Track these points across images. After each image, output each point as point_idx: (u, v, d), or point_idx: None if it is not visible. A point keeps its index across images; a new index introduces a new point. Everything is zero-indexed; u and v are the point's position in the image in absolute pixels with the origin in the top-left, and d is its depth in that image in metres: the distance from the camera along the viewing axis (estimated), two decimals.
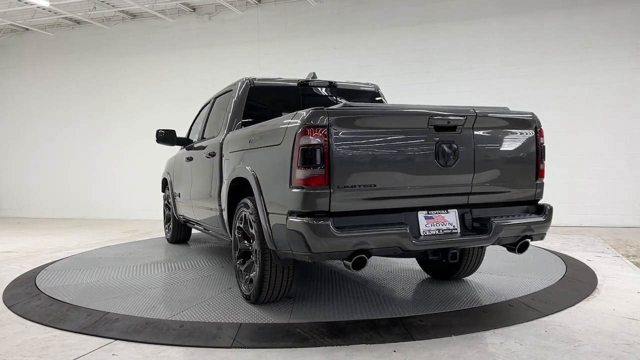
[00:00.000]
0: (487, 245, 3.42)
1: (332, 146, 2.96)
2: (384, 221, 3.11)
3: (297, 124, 3.04)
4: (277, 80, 4.82)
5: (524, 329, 3.26)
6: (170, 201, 6.63)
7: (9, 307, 4.05)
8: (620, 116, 8.44)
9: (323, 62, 9.57)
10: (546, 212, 3.56)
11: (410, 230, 3.08)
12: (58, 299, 4.12)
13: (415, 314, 3.48)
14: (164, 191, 7.14)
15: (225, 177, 4.22)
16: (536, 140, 3.55)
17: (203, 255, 5.98)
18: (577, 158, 8.56)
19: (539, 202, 3.66)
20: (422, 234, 3.20)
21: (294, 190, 3.03)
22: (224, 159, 4.35)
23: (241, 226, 3.86)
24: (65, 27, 11.99)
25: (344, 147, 3.00)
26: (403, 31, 9.61)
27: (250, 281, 3.75)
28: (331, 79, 5.05)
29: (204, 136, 5.30)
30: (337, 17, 10.04)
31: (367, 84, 5.31)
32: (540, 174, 3.59)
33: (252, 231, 3.63)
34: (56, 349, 3.09)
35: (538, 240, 3.58)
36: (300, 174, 2.99)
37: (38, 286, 4.59)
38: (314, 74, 5.07)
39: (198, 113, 6.07)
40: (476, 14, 9.18)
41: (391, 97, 5.71)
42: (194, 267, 5.28)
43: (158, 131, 5.73)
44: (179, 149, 6.50)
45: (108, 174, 11.80)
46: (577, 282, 4.42)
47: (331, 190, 2.96)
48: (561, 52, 8.71)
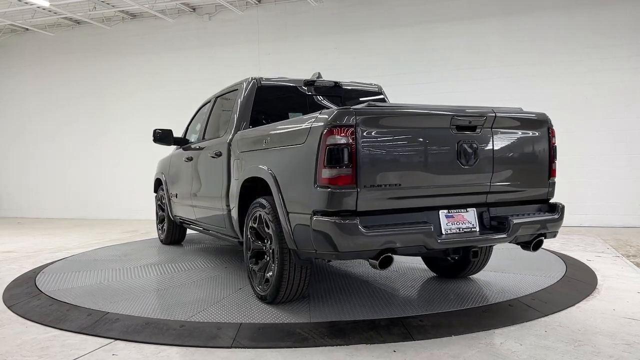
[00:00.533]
0: (505, 243, 3.47)
1: (359, 145, 2.98)
2: (408, 220, 3.14)
3: (323, 123, 3.05)
4: (283, 80, 4.81)
5: (524, 329, 3.26)
6: (165, 202, 6.55)
7: (9, 307, 4.05)
8: (620, 116, 8.44)
9: (323, 62, 9.56)
10: (559, 210, 3.63)
11: (434, 229, 3.12)
12: (58, 299, 4.12)
13: (415, 314, 3.48)
14: (156, 192, 7.07)
15: (236, 177, 4.20)
16: (549, 139, 3.64)
17: (203, 255, 5.98)
18: (577, 158, 8.55)
19: (550, 201, 3.73)
20: (443, 232, 3.24)
21: (319, 189, 3.03)
22: (233, 159, 4.33)
23: (255, 226, 3.86)
24: (65, 27, 11.99)
25: (370, 146, 3.02)
26: (403, 31, 9.61)
27: (266, 281, 3.74)
28: (332, 79, 5.06)
29: (205, 136, 5.28)
30: (337, 17, 10.04)
31: (370, 84, 5.33)
32: (552, 173, 3.67)
33: (269, 231, 3.63)
34: (56, 349, 3.10)
35: (551, 237, 3.64)
36: (326, 173, 2.99)
37: (38, 286, 4.59)
38: (319, 73, 5.07)
39: (195, 113, 6.04)
40: (476, 14, 9.18)
41: (391, 98, 5.71)
42: (197, 267, 5.27)
43: (155, 131, 5.72)
44: (173, 149, 6.45)
45: (108, 174, 11.80)
46: (577, 282, 4.42)
47: (358, 190, 2.98)
48: (561, 52, 8.71)
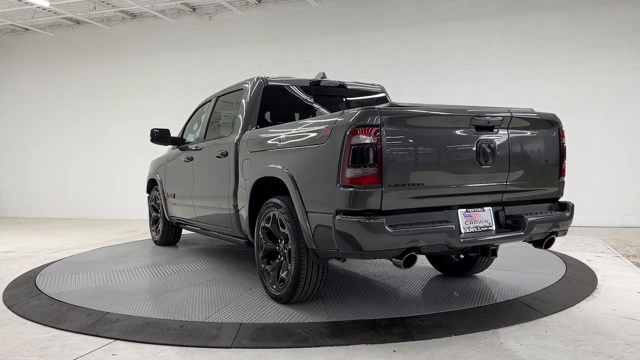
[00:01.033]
0: (521, 241, 3.51)
1: (384, 145, 3.00)
2: (429, 219, 3.17)
3: (347, 123, 3.06)
4: (289, 79, 4.81)
5: (523, 329, 3.26)
6: (160, 202, 6.46)
7: (9, 307, 4.05)
8: (621, 116, 8.43)
9: (323, 62, 9.54)
10: (569, 208, 3.69)
11: (455, 228, 3.16)
12: (58, 299, 4.12)
13: (415, 314, 3.48)
14: (149, 192, 7.00)
15: (246, 177, 4.20)
16: (559, 140, 3.71)
17: (204, 256, 5.97)
18: (577, 158, 8.51)
19: (560, 200, 3.79)
20: (462, 231, 3.26)
21: (342, 189, 3.04)
22: (242, 159, 4.32)
23: (267, 226, 3.86)
24: (65, 27, 11.99)
25: (394, 145, 3.04)
26: (403, 31, 9.61)
27: (281, 281, 3.74)
28: (331, 79, 5.06)
29: (206, 136, 5.25)
30: (337, 17, 10.04)
31: (373, 84, 5.36)
32: (562, 172, 3.74)
33: (285, 231, 3.63)
34: (56, 349, 3.10)
35: (562, 236, 3.70)
36: (350, 173, 3.00)
37: (38, 286, 4.59)
38: (324, 74, 5.08)
39: (193, 113, 6.01)
40: (476, 14, 9.18)
41: (391, 98, 5.71)
42: (201, 268, 5.26)
43: (152, 130, 5.71)
44: (168, 149, 6.39)
45: (108, 174, 11.80)
46: (577, 282, 4.42)
47: (383, 189, 2.99)
48: (561, 52, 8.71)
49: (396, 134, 3.06)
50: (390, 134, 3.03)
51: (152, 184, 6.89)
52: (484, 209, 3.41)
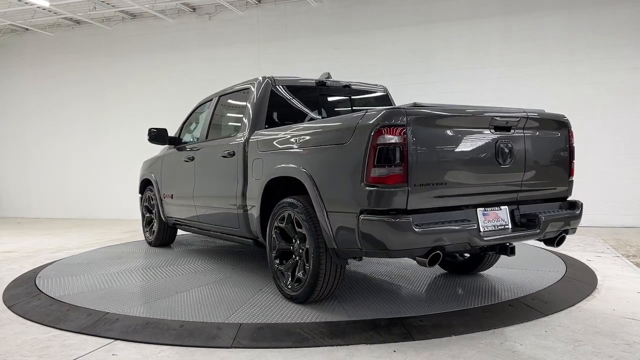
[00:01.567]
0: (535, 239, 3.56)
1: (410, 144, 3.02)
2: (452, 218, 3.20)
3: (371, 123, 3.08)
4: (296, 79, 4.82)
5: (524, 329, 3.26)
6: (155, 202, 6.38)
7: (9, 307, 4.05)
8: (621, 116, 8.43)
9: (323, 62, 9.53)
10: (579, 207, 3.78)
11: (476, 226, 3.22)
12: (58, 299, 4.12)
13: (415, 314, 3.48)
14: (141, 193, 6.90)
15: (257, 177, 4.18)
16: (569, 140, 3.81)
17: (201, 256, 5.97)
18: (577, 158, 8.52)
19: (568, 199, 3.87)
20: (481, 230, 3.29)
21: (367, 188, 3.05)
22: (251, 158, 4.31)
23: (282, 226, 3.86)
24: (65, 27, 11.99)
25: (419, 145, 3.07)
26: (403, 31, 9.61)
27: (297, 281, 3.74)
28: (333, 79, 5.07)
29: (208, 136, 5.22)
30: (337, 17, 10.04)
31: (376, 85, 5.38)
32: (571, 172, 3.84)
33: (302, 230, 3.64)
34: (56, 349, 3.10)
35: (572, 234, 3.77)
36: (376, 172, 3.03)
37: (38, 286, 4.59)
38: (329, 74, 5.09)
39: (191, 113, 5.98)
40: (476, 14, 9.17)
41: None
42: (201, 269, 5.26)
43: (150, 130, 5.69)
44: (163, 149, 6.34)
45: (108, 174, 11.79)
46: (577, 282, 4.42)
47: (408, 188, 3.01)
48: (561, 52, 8.70)
49: (421, 134, 3.08)
50: (416, 133, 3.05)
51: (145, 185, 6.80)
52: (501, 207, 3.46)
